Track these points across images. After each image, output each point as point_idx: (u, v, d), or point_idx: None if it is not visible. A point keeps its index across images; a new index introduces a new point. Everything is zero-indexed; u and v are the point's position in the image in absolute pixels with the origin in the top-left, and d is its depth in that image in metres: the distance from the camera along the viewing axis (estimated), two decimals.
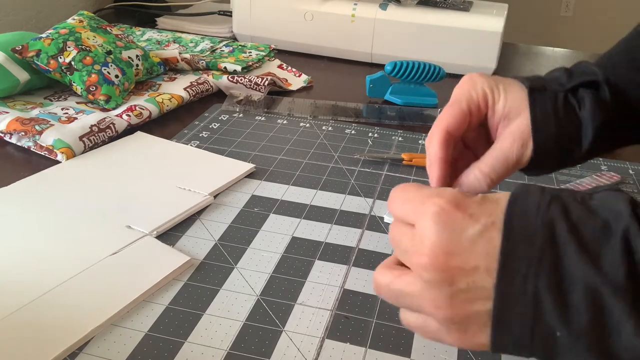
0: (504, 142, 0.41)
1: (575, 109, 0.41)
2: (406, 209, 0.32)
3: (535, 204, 0.30)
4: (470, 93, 0.42)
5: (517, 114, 0.41)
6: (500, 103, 0.41)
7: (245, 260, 0.45)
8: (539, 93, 0.41)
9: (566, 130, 0.41)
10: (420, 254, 0.30)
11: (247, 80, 0.76)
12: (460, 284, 0.29)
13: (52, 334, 0.36)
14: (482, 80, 0.42)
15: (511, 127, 0.41)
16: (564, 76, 0.42)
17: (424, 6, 0.91)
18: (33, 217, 0.48)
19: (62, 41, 0.69)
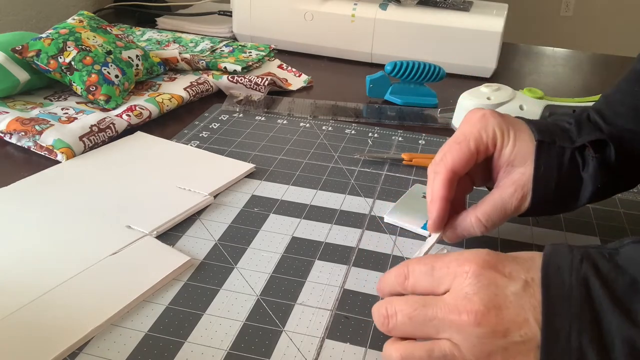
0: (504, 192, 0.42)
1: (579, 168, 0.42)
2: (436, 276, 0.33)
3: (568, 262, 0.31)
4: (481, 134, 0.42)
5: (522, 163, 0.42)
6: (507, 148, 0.42)
7: (245, 260, 0.45)
8: (547, 147, 0.41)
9: (566, 188, 0.42)
10: (468, 311, 0.30)
11: (247, 80, 0.76)
12: (514, 337, 0.30)
13: (52, 334, 0.36)
14: (494, 121, 0.42)
15: (513, 175, 0.42)
16: (574, 129, 0.43)
17: (424, 6, 0.91)
18: (33, 217, 0.48)
19: (62, 41, 0.69)
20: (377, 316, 0.35)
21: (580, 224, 0.51)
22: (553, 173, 0.41)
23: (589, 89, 0.85)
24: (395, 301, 0.34)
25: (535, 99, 0.65)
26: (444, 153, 0.42)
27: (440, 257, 0.34)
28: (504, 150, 0.42)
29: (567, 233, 0.50)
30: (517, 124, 0.43)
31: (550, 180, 0.41)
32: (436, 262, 0.34)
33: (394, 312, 0.34)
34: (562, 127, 0.44)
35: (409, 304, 0.33)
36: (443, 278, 0.33)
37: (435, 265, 0.34)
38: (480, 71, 0.88)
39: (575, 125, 0.43)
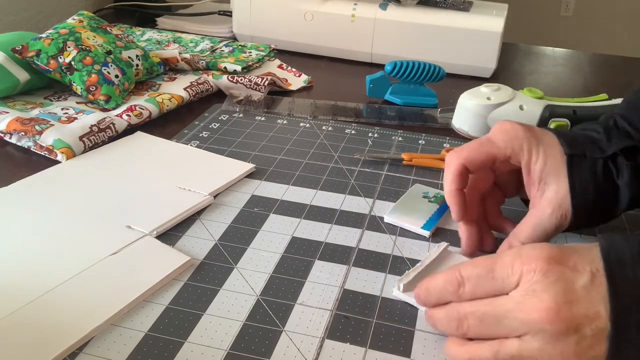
0: (543, 214, 0.42)
1: (613, 176, 0.41)
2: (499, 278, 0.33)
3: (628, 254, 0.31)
4: (506, 144, 0.42)
5: (555, 180, 0.41)
6: (538, 164, 0.41)
7: (245, 260, 0.45)
8: (578, 160, 0.41)
9: (604, 199, 0.42)
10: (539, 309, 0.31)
11: (247, 80, 0.76)
12: (586, 331, 0.30)
13: (52, 334, 0.36)
14: (522, 135, 0.42)
15: (548, 194, 0.42)
16: (604, 138, 0.42)
17: (424, 6, 0.91)
18: (33, 217, 0.48)
19: (62, 41, 0.69)
20: (447, 321, 0.35)
21: None
22: (589, 187, 0.41)
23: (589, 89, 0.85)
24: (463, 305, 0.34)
25: (535, 99, 0.65)
26: (462, 148, 0.43)
27: (495, 258, 0.34)
28: (534, 166, 0.42)
29: (567, 233, 0.50)
30: (545, 138, 0.42)
31: (588, 194, 0.41)
32: (494, 263, 0.34)
33: (464, 315, 0.34)
34: (590, 137, 0.43)
35: (478, 306, 0.33)
36: (508, 278, 0.33)
37: (495, 267, 0.33)
38: (480, 71, 0.88)
39: (604, 134, 0.43)
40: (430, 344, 0.38)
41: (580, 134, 0.44)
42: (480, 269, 0.34)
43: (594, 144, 0.42)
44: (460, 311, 0.34)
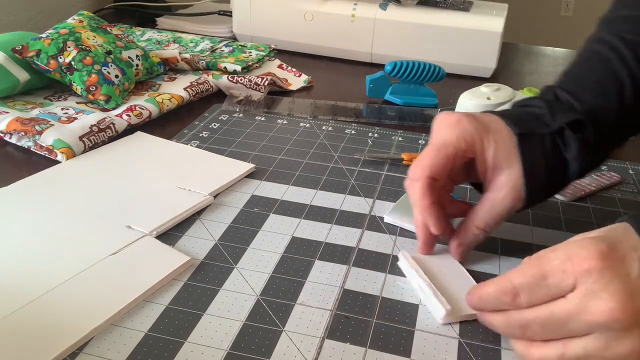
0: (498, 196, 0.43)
1: (561, 150, 0.43)
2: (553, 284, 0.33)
3: None
4: (459, 141, 0.42)
5: (507, 163, 0.42)
6: (490, 151, 0.42)
7: (245, 260, 0.45)
8: (527, 138, 0.42)
9: (554, 174, 0.43)
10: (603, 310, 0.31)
11: (247, 80, 0.76)
12: None
13: (52, 334, 0.36)
14: (470, 126, 0.42)
15: (502, 178, 0.42)
16: (547, 113, 0.43)
17: (424, 6, 0.91)
18: (33, 217, 0.48)
19: (62, 41, 0.69)
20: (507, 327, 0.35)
21: (580, 224, 0.51)
22: (541, 165, 0.42)
23: None
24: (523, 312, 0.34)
25: None
26: (422, 160, 0.42)
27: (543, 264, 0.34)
28: (486, 153, 0.42)
29: (567, 233, 0.50)
30: (492, 123, 0.43)
31: (540, 173, 0.42)
32: (544, 270, 0.33)
33: (526, 323, 0.34)
34: (533, 113, 0.44)
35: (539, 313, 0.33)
36: (562, 283, 0.33)
37: (546, 272, 0.33)
38: (480, 71, 0.88)
39: (548, 109, 0.44)
40: (430, 344, 0.38)
41: (523, 112, 0.45)
42: (531, 279, 0.34)
43: (539, 120, 0.43)
44: (522, 319, 0.34)
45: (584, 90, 0.45)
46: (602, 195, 0.56)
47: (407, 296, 0.42)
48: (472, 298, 0.37)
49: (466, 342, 0.38)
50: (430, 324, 0.39)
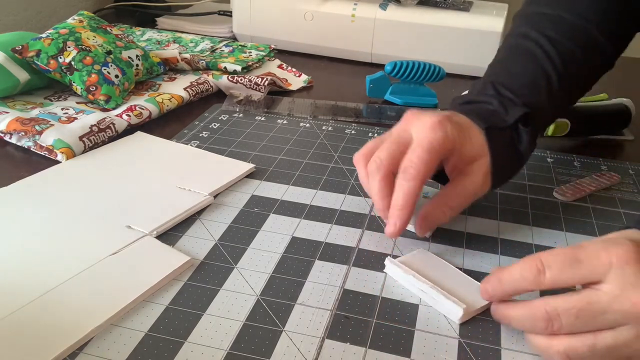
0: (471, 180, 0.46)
1: (515, 142, 0.48)
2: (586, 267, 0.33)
3: None
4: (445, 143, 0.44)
5: (480, 155, 0.46)
6: (467, 147, 0.45)
7: (245, 260, 0.45)
8: (493, 132, 0.46)
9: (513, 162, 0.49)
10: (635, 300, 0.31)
11: (247, 80, 0.76)
12: None
13: (52, 334, 0.36)
14: (450, 127, 0.45)
15: (474, 166, 0.46)
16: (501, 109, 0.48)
17: (424, 6, 0.91)
18: (33, 217, 0.48)
19: (62, 41, 0.69)
20: (531, 320, 0.34)
21: (580, 224, 0.51)
22: (504, 154, 0.47)
23: None
24: (553, 301, 0.33)
25: None
26: (415, 162, 0.43)
27: (578, 247, 0.34)
28: (463, 149, 0.45)
29: (567, 233, 0.50)
30: (463, 121, 0.46)
31: (504, 161, 0.47)
32: (578, 252, 0.34)
33: (556, 313, 0.33)
34: (488, 109, 0.49)
35: (572, 302, 0.33)
36: (596, 268, 0.33)
37: (579, 255, 0.33)
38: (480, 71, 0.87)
39: (499, 104, 0.49)
40: (430, 344, 0.38)
41: (479, 108, 0.49)
42: (563, 256, 0.34)
43: (495, 116, 0.48)
44: (550, 309, 0.33)
45: (521, 86, 0.50)
46: (602, 195, 0.56)
47: (407, 296, 0.42)
48: (489, 283, 0.37)
49: (466, 342, 0.38)
50: (430, 324, 0.39)
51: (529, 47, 0.53)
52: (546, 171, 0.60)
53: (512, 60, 0.54)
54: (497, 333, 0.39)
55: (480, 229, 0.50)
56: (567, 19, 0.54)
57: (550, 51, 0.52)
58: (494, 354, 0.37)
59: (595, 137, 0.69)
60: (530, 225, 0.51)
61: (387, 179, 0.44)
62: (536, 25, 0.54)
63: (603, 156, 0.64)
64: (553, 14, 0.55)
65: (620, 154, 0.66)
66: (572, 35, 0.53)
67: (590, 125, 0.67)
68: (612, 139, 0.69)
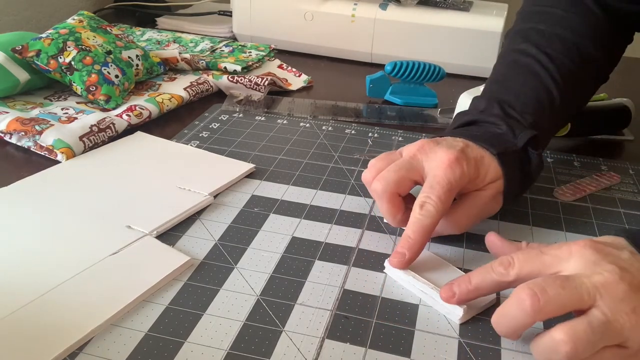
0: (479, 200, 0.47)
1: (524, 164, 0.49)
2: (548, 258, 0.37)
3: None
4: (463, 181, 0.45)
5: (495, 180, 0.47)
6: (481, 176, 0.46)
7: (245, 260, 0.45)
8: (504, 157, 0.47)
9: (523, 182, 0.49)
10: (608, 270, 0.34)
11: (247, 80, 0.76)
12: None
13: (52, 334, 0.36)
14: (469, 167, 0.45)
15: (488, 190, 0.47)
16: (509, 133, 0.49)
17: (424, 6, 0.91)
18: (33, 217, 0.48)
19: (62, 41, 0.69)
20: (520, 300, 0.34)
21: (580, 224, 0.51)
22: (516, 176, 0.48)
23: None
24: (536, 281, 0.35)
25: None
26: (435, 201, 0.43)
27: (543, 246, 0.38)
28: (479, 180, 0.46)
29: (567, 233, 0.50)
30: (476, 152, 0.46)
31: (515, 182, 0.48)
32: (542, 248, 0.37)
33: (541, 288, 0.34)
34: (497, 133, 0.49)
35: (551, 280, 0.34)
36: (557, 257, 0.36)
37: (543, 250, 0.37)
38: (480, 71, 0.88)
39: (507, 128, 0.49)
40: (430, 344, 0.38)
41: (487, 132, 0.50)
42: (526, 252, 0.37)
43: (504, 138, 0.49)
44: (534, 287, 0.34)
45: (525, 105, 0.51)
46: (602, 195, 0.56)
47: (407, 296, 0.42)
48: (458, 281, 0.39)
49: (466, 342, 0.38)
50: (430, 324, 0.39)
51: (529, 64, 0.54)
52: (546, 171, 0.60)
53: (514, 78, 0.54)
54: (497, 333, 0.39)
55: (481, 229, 0.50)
56: (562, 36, 0.55)
57: (551, 68, 0.53)
58: (494, 354, 0.37)
59: (595, 137, 0.69)
60: (530, 225, 0.51)
61: (394, 201, 0.46)
62: (534, 42, 0.55)
63: (603, 156, 0.64)
64: (549, 31, 0.56)
65: (620, 154, 0.66)
66: (569, 52, 0.54)
67: (590, 125, 0.67)
68: (612, 139, 0.69)
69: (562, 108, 0.53)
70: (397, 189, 0.45)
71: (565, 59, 0.54)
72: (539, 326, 0.39)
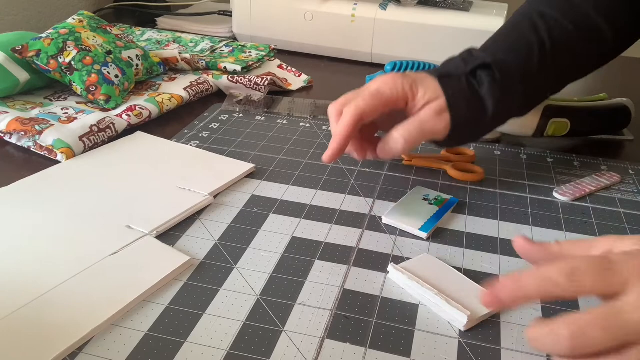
0: (422, 113, 0.49)
1: (475, 87, 0.50)
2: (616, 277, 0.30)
3: None
4: (392, 91, 0.48)
5: (435, 98, 0.49)
6: (419, 94, 0.49)
7: (245, 260, 0.45)
8: (446, 79, 0.50)
9: (472, 104, 0.50)
10: None
11: (247, 80, 0.76)
12: None
13: (52, 334, 0.36)
14: (402, 79, 0.49)
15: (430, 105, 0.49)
16: (461, 63, 0.51)
17: (424, 6, 0.91)
18: (33, 217, 0.48)
19: (62, 41, 0.69)
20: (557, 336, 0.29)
21: (580, 224, 0.51)
22: (460, 97, 0.49)
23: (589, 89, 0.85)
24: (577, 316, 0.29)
25: None
26: (356, 99, 0.48)
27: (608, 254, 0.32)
28: (417, 96, 0.49)
29: (567, 233, 0.50)
30: (419, 75, 0.50)
31: (461, 103, 0.49)
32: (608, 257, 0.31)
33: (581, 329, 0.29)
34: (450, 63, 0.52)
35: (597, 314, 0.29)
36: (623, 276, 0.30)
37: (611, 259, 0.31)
38: None
39: (461, 60, 0.52)
40: (430, 344, 0.38)
41: (444, 65, 0.53)
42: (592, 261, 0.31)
43: (457, 68, 0.51)
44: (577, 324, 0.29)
45: (497, 48, 0.54)
46: (602, 195, 0.56)
47: (407, 296, 0.42)
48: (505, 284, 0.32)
49: (466, 342, 0.38)
50: (430, 324, 0.39)
51: (518, 21, 0.56)
52: (546, 171, 0.60)
53: (498, 31, 0.57)
54: (497, 333, 0.39)
55: (480, 229, 0.50)
56: (573, 1, 0.55)
57: (539, 24, 0.54)
58: (494, 354, 0.37)
59: (595, 137, 0.69)
60: (530, 225, 0.51)
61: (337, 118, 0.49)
62: (534, 3, 0.57)
63: (603, 156, 0.64)
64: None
65: (620, 154, 0.66)
66: (571, 15, 0.55)
67: (590, 125, 0.67)
68: (612, 139, 0.69)
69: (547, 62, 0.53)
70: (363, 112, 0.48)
71: (564, 19, 0.54)
72: None
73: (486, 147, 0.65)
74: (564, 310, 0.41)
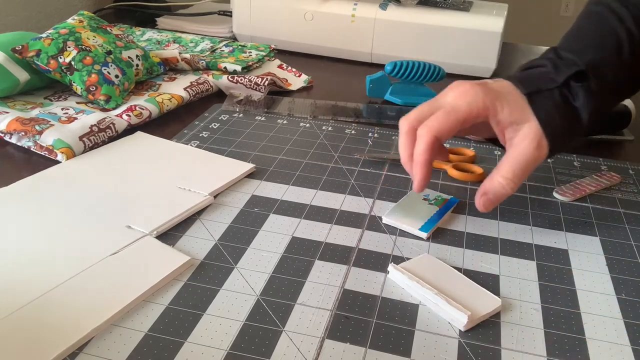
0: (520, 146, 0.45)
1: (570, 100, 0.46)
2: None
3: None
4: (470, 107, 0.45)
5: (525, 120, 0.45)
6: (504, 113, 0.45)
7: (245, 260, 0.45)
8: (536, 96, 0.46)
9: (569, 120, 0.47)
10: None
11: (247, 80, 0.76)
12: None
13: (52, 334, 0.36)
14: (482, 94, 0.45)
15: (523, 131, 0.45)
16: (552, 70, 0.47)
17: (424, 6, 0.91)
18: (33, 217, 0.48)
19: (62, 41, 0.69)
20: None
21: (580, 224, 0.51)
22: (554, 114, 0.46)
23: None
24: None
25: None
26: (430, 120, 0.45)
27: None
28: (500, 115, 0.45)
29: (567, 233, 0.50)
30: (503, 88, 0.47)
31: (556, 121, 0.46)
32: None
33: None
34: (539, 72, 0.48)
35: None
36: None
37: None
38: (480, 71, 0.88)
39: (552, 66, 0.48)
40: (430, 344, 0.38)
41: (530, 72, 0.49)
42: None
43: (544, 78, 0.47)
44: None
45: (584, 45, 0.49)
46: (602, 195, 0.56)
47: (407, 296, 0.42)
48: None
49: (466, 342, 0.38)
50: (430, 324, 0.39)
51: (600, 11, 0.52)
52: (546, 171, 0.61)
53: (580, 26, 0.53)
54: (497, 333, 0.39)
55: (480, 229, 0.50)
56: None
57: (624, 15, 0.50)
58: (494, 354, 0.37)
59: (595, 137, 0.69)
60: (530, 225, 0.51)
61: (409, 135, 0.46)
62: None
63: (603, 156, 0.64)
64: None
65: (620, 154, 0.66)
66: None
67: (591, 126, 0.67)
68: (612, 139, 0.69)
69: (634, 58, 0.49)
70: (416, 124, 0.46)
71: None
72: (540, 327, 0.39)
73: (486, 147, 0.65)
74: (564, 310, 0.41)
